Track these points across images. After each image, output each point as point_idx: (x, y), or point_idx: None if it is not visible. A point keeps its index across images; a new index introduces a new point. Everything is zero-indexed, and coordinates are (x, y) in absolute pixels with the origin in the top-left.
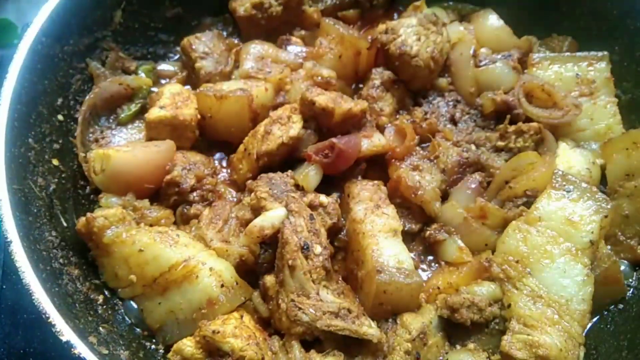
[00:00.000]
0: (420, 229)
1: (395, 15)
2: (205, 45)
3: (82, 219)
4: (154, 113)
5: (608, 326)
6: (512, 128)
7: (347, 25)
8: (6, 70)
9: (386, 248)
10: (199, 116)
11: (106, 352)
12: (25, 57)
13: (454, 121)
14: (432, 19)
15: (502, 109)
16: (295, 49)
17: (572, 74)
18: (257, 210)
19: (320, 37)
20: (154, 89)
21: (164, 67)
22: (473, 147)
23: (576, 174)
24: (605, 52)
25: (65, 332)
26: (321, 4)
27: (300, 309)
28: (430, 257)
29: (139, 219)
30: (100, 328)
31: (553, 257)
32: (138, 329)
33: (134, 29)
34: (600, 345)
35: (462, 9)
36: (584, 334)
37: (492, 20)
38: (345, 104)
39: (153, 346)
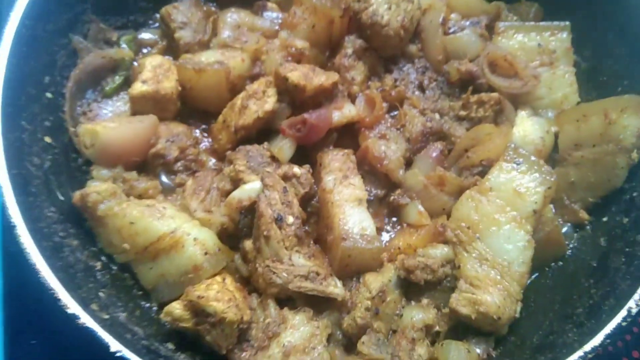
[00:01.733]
0: (386, 193)
1: None
2: (183, 14)
3: (77, 194)
4: (136, 88)
5: (547, 281)
6: (474, 98)
7: None
8: None
9: (351, 216)
10: (179, 88)
11: (107, 317)
12: (12, 43)
13: (422, 88)
14: None
15: (467, 77)
16: (271, 15)
17: (535, 43)
18: (236, 182)
19: (295, 6)
20: (137, 59)
21: (144, 35)
22: (437, 116)
23: (530, 142)
24: (567, 23)
25: (71, 305)
26: None
27: (274, 273)
28: (394, 219)
29: (128, 190)
30: (100, 293)
31: (500, 225)
32: (134, 290)
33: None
34: (538, 298)
35: None
36: (521, 291)
37: None
38: (317, 79)
39: (147, 304)
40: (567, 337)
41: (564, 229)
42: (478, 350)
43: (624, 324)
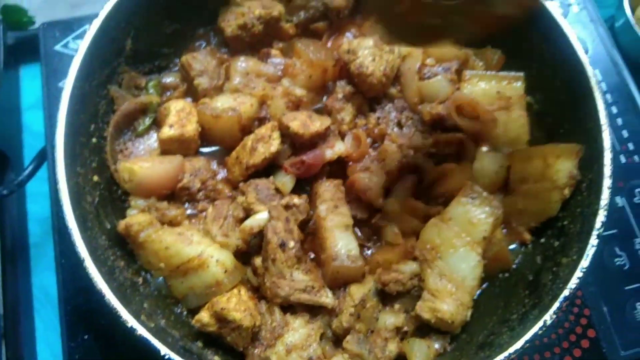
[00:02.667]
0: (369, 216)
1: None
2: (200, 63)
3: (122, 224)
4: (165, 133)
5: (495, 289)
6: (442, 138)
7: (317, 39)
8: (24, 55)
9: (340, 239)
10: (199, 129)
11: (152, 325)
12: (68, 104)
13: (400, 125)
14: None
15: (437, 119)
16: (275, 61)
17: (495, 90)
18: (247, 211)
19: (295, 57)
20: (162, 100)
21: (167, 79)
22: (411, 152)
23: (487, 175)
24: (521, 74)
25: (129, 320)
26: (296, 18)
27: (279, 287)
28: (375, 237)
29: (160, 217)
30: (145, 304)
31: (456, 248)
32: (167, 299)
33: (141, 50)
34: (487, 303)
35: None
36: (472, 301)
37: None
38: (312, 126)
39: (179, 310)
40: (501, 338)
41: (512, 246)
42: (436, 346)
43: (540, 332)
